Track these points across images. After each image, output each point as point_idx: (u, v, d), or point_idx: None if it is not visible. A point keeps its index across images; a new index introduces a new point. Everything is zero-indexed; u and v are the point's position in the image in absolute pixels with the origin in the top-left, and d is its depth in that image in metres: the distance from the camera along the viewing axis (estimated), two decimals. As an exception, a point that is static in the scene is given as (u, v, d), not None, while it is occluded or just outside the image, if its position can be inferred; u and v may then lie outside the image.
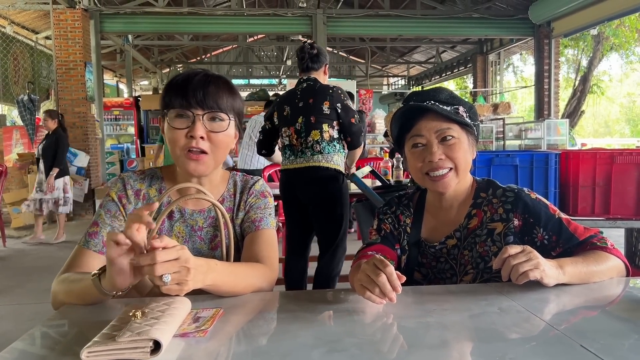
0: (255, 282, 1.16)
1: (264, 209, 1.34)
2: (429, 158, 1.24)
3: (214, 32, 12.57)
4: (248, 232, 1.31)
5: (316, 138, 2.88)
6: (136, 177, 1.32)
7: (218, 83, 1.22)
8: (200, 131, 1.18)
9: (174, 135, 1.19)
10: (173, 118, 1.19)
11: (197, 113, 1.18)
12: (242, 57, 19.35)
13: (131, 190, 1.28)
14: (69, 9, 8.34)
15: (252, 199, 1.34)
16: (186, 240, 1.29)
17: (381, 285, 0.97)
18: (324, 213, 2.95)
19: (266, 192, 1.38)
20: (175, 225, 1.28)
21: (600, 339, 0.81)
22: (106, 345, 0.76)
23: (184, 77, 1.22)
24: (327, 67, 3.10)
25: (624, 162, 2.44)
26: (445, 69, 16.86)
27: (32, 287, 4.24)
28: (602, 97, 17.35)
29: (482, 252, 1.25)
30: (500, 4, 10.33)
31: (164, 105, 1.22)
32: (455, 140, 1.24)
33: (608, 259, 1.15)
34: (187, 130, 1.18)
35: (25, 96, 8.10)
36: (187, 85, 1.19)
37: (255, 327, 0.94)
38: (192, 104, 1.18)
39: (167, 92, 1.21)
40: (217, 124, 1.22)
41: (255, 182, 1.37)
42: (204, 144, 1.19)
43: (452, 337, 0.85)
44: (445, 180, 1.25)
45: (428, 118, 1.25)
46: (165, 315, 0.85)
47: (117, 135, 12.12)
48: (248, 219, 1.32)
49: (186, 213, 1.29)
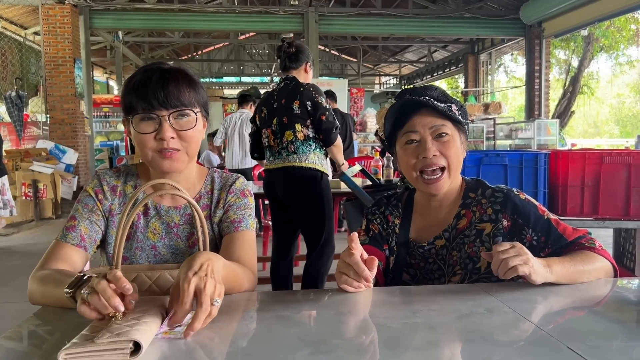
0: (244, 284, 1.14)
1: (244, 209, 1.31)
2: (423, 154, 1.22)
3: (205, 30, 12.52)
4: (227, 232, 1.28)
5: (290, 138, 2.86)
6: (112, 173, 1.31)
7: (177, 78, 1.18)
8: (169, 132, 1.16)
9: (142, 139, 1.16)
10: (138, 122, 1.16)
11: (162, 114, 1.15)
12: (233, 55, 19.30)
13: (107, 186, 1.28)
14: (58, 5, 8.26)
15: (232, 197, 1.31)
16: (162, 236, 1.27)
17: (354, 264, 1.01)
18: (305, 213, 2.94)
19: (246, 191, 1.35)
20: (151, 221, 1.27)
21: (587, 340, 0.80)
22: (84, 346, 0.74)
23: (140, 78, 1.17)
24: (309, 65, 3.03)
25: (613, 162, 2.45)
26: (436, 68, 16.92)
27: (17, 286, 4.19)
28: (592, 97, 17.48)
29: (471, 253, 1.24)
30: (491, 4, 10.37)
31: (125, 109, 1.18)
32: (449, 137, 1.23)
33: (596, 259, 1.15)
34: (155, 133, 1.16)
35: (13, 92, 8.02)
36: (146, 87, 1.15)
37: (238, 328, 0.92)
38: (155, 106, 1.14)
39: (127, 95, 1.17)
40: (185, 121, 1.19)
41: (235, 180, 1.34)
42: (174, 142, 1.17)
43: (438, 338, 0.84)
44: (439, 183, 1.24)
45: (422, 114, 1.24)
46: (146, 316, 0.83)
47: (107, 132, 12.02)
48: (227, 219, 1.29)
49: (162, 209, 1.27)
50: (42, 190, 7.46)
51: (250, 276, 1.19)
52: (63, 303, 0.99)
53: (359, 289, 1.05)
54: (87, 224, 1.23)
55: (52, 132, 8.38)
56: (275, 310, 1.01)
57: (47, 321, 0.98)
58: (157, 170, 1.21)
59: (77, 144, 8.39)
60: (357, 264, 1.02)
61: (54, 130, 8.37)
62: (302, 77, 2.99)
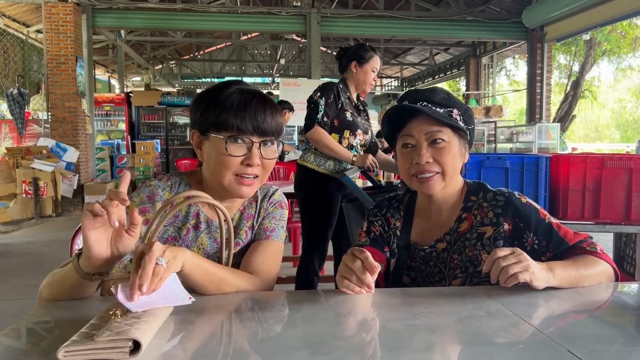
0: (242, 287, 1.13)
1: (279, 220, 1.33)
2: (417, 160, 1.23)
3: (208, 30, 12.52)
4: (257, 238, 1.29)
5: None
6: (164, 185, 1.26)
7: (270, 104, 1.20)
8: (257, 159, 1.16)
9: (227, 161, 1.15)
10: (229, 143, 1.15)
11: (254, 140, 1.16)
12: (235, 55, 19.30)
13: (159, 203, 1.21)
14: (61, 3, 8.27)
15: (271, 207, 1.33)
16: (207, 252, 1.25)
17: (357, 270, 1.02)
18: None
19: (283, 204, 1.36)
20: (201, 236, 1.26)
21: (588, 344, 0.80)
22: (84, 344, 0.74)
23: (239, 98, 1.17)
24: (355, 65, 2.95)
25: (614, 166, 2.44)
26: (438, 71, 16.92)
27: (17, 283, 4.19)
28: (594, 101, 17.48)
29: (472, 256, 1.24)
30: (494, 7, 10.37)
31: (213, 124, 1.16)
32: (444, 144, 1.23)
33: (597, 263, 1.14)
34: (243, 158, 1.16)
35: (15, 90, 8.03)
36: (245, 108, 1.15)
37: (238, 327, 0.92)
38: (251, 130, 1.15)
39: (219, 109, 1.16)
40: (270, 149, 1.21)
41: (275, 192, 1.37)
42: (257, 169, 1.18)
43: (438, 340, 0.83)
44: (431, 182, 1.24)
45: (419, 119, 1.24)
46: (146, 315, 0.83)
47: (108, 131, 12.02)
48: (261, 226, 1.30)
49: (212, 225, 1.27)
50: (42, 188, 7.46)
51: (255, 281, 1.17)
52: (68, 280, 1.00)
53: (360, 294, 1.04)
54: None
55: (54, 130, 8.37)
56: (275, 310, 1.00)
57: (46, 318, 0.98)
58: (230, 191, 1.20)
59: (78, 142, 8.39)
60: (360, 269, 1.02)
61: (55, 128, 8.37)
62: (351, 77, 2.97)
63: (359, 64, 2.91)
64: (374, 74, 2.94)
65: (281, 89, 9.72)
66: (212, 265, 1.09)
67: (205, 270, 1.05)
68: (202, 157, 1.23)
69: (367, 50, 2.92)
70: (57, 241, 6.04)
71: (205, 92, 1.23)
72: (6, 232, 6.64)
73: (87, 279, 0.98)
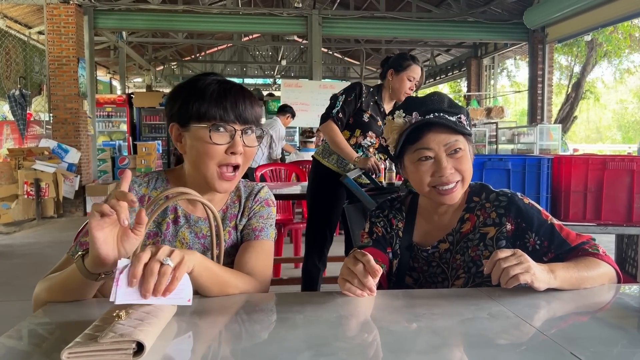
0: (238, 290, 1.12)
1: (267, 219, 1.32)
2: (440, 173, 1.21)
3: (209, 31, 12.53)
4: (246, 239, 1.28)
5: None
6: (140, 180, 1.27)
7: (249, 94, 1.20)
8: (241, 147, 1.16)
9: (211, 150, 1.15)
10: (212, 132, 1.14)
11: (237, 128, 1.16)
12: (236, 56, 19.31)
13: (136, 196, 1.21)
14: (63, 4, 8.28)
15: (257, 206, 1.32)
16: (190, 246, 1.26)
17: (358, 274, 1.00)
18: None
19: (270, 201, 1.35)
20: (181, 230, 1.26)
21: (590, 346, 0.80)
22: (88, 346, 0.74)
23: (218, 87, 1.17)
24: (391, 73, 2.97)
25: (616, 168, 2.44)
26: (439, 72, 16.90)
27: (19, 284, 4.20)
28: (596, 102, 17.47)
29: (474, 257, 1.24)
30: (495, 8, 10.36)
31: (194, 114, 1.15)
32: (462, 152, 1.23)
33: (599, 265, 1.14)
34: (226, 146, 1.16)
35: (17, 91, 8.03)
36: (226, 97, 1.16)
37: (241, 329, 0.92)
38: (232, 118, 1.15)
39: (199, 99, 1.15)
40: (251, 137, 1.21)
41: (260, 189, 1.35)
42: (240, 158, 1.18)
43: (441, 342, 0.84)
44: (454, 193, 1.24)
45: (436, 131, 1.22)
46: (150, 317, 0.83)
47: (109, 132, 12.03)
48: (249, 226, 1.30)
49: (192, 219, 1.27)
50: (44, 189, 7.47)
51: (254, 283, 1.17)
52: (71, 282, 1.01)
53: (362, 297, 1.03)
54: None
55: (55, 131, 8.38)
56: (277, 312, 1.00)
57: (49, 320, 0.98)
58: (209, 185, 1.19)
59: (79, 144, 8.40)
60: (362, 273, 1.00)
61: (57, 129, 8.38)
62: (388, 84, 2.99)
63: (396, 71, 2.92)
64: (410, 82, 2.92)
65: (282, 90, 9.72)
66: (218, 267, 1.09)
67: (212, 273, 1.05)
68: (182, 150, 1.21)
69: (406, 59, 2.94)
70: (58, 242, 6.04)
71: (181, 85, 1.22)
72: (8, 233, 6.65)
73: (93, 279, 0.98)
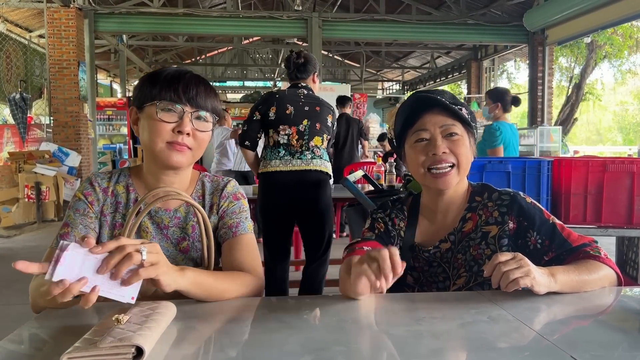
0: (238, 290, 1.13)
1: (240, 213, 1.32)
2: (433, 151, 1.23)
3: (209, 34, 12.56)
4: (225, 238, 1.28)
5: (318, 144, 2.93)
6: (103, 175, 1.32)
7: (207, 84, 1.24)
8: (189, 127, 1.18)
9: (159, 127, 1.18)
10: (160, 110, 1.18)
11: (186, 110, 1.19)
12: (237, 59, 19.34)
13: (99, 187, 1.27)
14: (63, 8, 8.30)
15: (225, 202, 1.32)
16: (154, 236, 1.27)
17: (381, 259, 0.96)
18: (317, 217, 2.93)
19: (239, 194, 1.35)
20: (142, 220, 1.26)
21: (591, 349, 0.80)
22: (87, 350, 0.74)
23: (174, 72, 1.22)
24: (316, 75, 3.07)
25: (616, 170, 2.44)
26: (439, 74, 16.93)
27: (19, 288, 4.19)
28: (596, 103, 17.47)
29: (476, 255, 1.24)
30: (495, 10, 10.38)
31: (148, 96, 1.19)
32: (459, 137, 1.25)
33: (600, 268, 1.14)
34: (174, 125, 1.18)
35: (17, 94, 8.05)
36: (178, 81, 1.19)
37: (240, 333, 0.92)
38: (183, 100, 1.18)
39: (153, 84, 1.20)
40: (202, 123, 1.22)
41: (226, 184, 1.35)
42: (188, 140, 1.20)
43: (441, 346, 0.83)
44: (447, 177, 1.24)
45: (434, 113, 1.26)
46: (149, 321, 0.83)
47: (110, 135, 12.05)
48: (224, 225, 1.29)
49: (152, 210, 1.27)
50: (44, 192, 7.47)
51: (253, 283, 1.18)
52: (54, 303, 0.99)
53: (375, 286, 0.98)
54: (81, 229, 1.22)
55: (56, 135, 8.40)
56: (276, 316, 1.00)
57: (49, 324, 0.97)
58: (161, 162, 1.21)
59: (80, 147, 8.41)
60: (385, 260, 0.96)
61: (58, 132, 8.39)
62: (312, 86, 3.04)
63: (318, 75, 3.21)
64: None
65: (282, 93, 9.71)
66: (213, 278, 1.09)
67: (206, 288, 1.06)
68: (137, 133, 1.26)
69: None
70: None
71: (146, 74, 1.28)
72: (8, 237, 6.65)
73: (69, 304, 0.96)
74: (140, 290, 1.14)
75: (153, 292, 1.13)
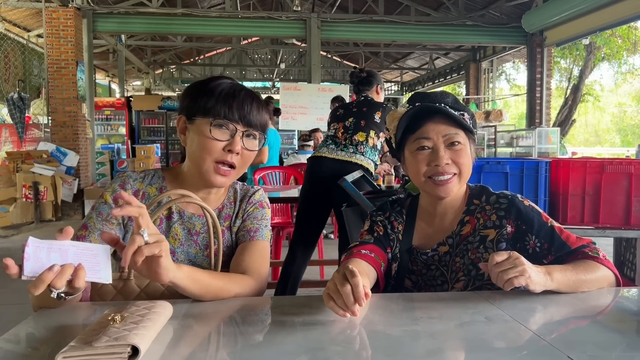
0: (239, 293, 1.13)
1: (261, 220, 1.33)
2: (436, 162, 1.21)
3: (208, 34, 12.55)
4: (242, 240, 1.29)
5: (361, 139, 3.06)
6: (136, 176, 1.29)
7: (259, 101, 1.24)
8: (239, 147, 1.19)
9: (210, 144, 1.17)
10: (214, 127, 1.17)
11: (239, 128, 1.19)
12: (235, 60, 19.33)
13: (131, 190, 1.25)
14: (62, 8, 8.29)
15: (251, 207, 1.33)
16: (182, 242, 1.26)
17: (344, 296, 0.91)
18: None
19: (264, 203, 1.37)
20: (174, 226, 1.26)
21: (588, 350, 0.80)
22: (82, 350, 0.74)
23: (228, 88, 1.21)
24: (380, 88, 3.26)
25: (614, 171, 2.44)
26: (438, 75, 16.94)
27: (16, 288, 4.18)
28: (595, 105, 17.50)
29: (474, 259, 1.23)
30: (493, 12, 10.39)
31: (201, 109, 1.19)
32: (461, 146, 1.23)
33: (598, 268, 1.14)
34: (225, 144, 1.18)
35: (16, 94, 8.04)
36: (233, 98, 1.19)
37: (237, 332, 0.92)
38: (237, 118, 1.18)
39: (208, 96, 1.19)
40: (251, 141, 1.23)
41: (255, 192, 1.37)
42: (236, 158, 1.20)
43: (438, 346, 0.83)
44: (449, 185, 1.23)
45: (436, 121, 1.23)
46: (145, 320, 0.83)
47: (108, 135, 12.03)
48: (244, 228, 1.30)
49: (185, 215, 1.27)
50: (42, 192, 7.46)
51: (252, 286, 1.17)
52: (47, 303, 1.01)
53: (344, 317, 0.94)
54: (99, 235, 1.19)
55: (54, 135, 8.38)
56: (273, 315, 1.00)
57: (45, 324, 0.97)
58: (204, 179, 1.21)
59: (78, 147, 8.40)
60: (348, 295, 0.91)
61: (56, 132, 8.38)
62: (375, 97, 3.23)
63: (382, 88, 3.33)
64: None
65: (281, 94, 9.74)
66: (210, 277, 1.09)
67: (202, 284, 1.05)
68: (184, 142, 1.25)
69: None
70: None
71: (196, 82, 1.27)
72: (6, 237, 6.63)
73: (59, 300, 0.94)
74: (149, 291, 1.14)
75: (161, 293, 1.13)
